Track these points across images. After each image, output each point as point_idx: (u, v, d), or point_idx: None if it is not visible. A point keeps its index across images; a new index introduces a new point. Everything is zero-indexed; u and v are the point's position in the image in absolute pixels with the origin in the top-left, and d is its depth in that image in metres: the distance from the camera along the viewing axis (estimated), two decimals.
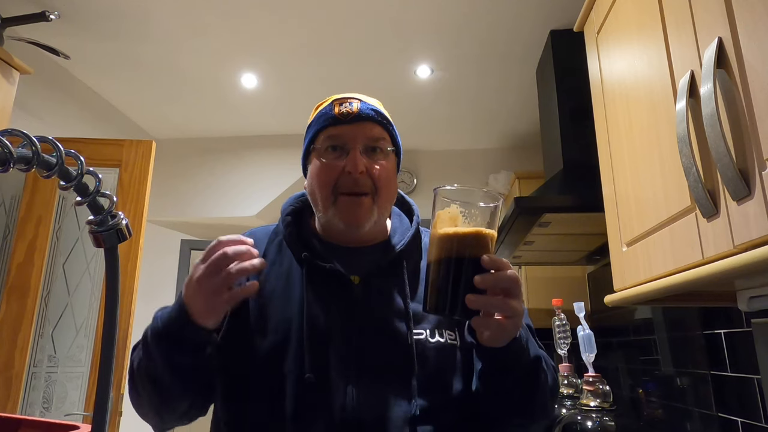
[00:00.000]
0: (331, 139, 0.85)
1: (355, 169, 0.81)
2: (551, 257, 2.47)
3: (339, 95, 0.89)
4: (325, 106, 0.88)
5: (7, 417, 0.59)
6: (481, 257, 0.64)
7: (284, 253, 0.87)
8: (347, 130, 0.84)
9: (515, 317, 0.66)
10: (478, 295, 0.63)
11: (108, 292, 0.48)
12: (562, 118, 2.17)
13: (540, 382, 0.76)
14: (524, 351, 0.72)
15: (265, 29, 2.40)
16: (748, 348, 1.23)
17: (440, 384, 0.78)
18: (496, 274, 0.64)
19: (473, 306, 0.63)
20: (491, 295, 0.64)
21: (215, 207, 3.48)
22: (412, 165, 3.66)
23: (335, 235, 0.89)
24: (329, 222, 0.86)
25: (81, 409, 2.09)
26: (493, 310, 0.65)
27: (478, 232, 0.65)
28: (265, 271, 0.85)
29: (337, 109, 0.85)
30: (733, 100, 0.67)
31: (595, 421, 1.60)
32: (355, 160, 0.82)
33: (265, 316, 0.80)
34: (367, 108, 0.86)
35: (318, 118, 0.88)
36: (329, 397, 0.74)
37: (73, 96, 2.85)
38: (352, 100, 0.86)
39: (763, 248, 0.60)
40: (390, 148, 0.88)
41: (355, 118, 0.84)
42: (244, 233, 0.94)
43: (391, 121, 0.91)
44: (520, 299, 0.66)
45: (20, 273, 2.16)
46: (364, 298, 0.81)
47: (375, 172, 0.84)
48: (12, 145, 0.40)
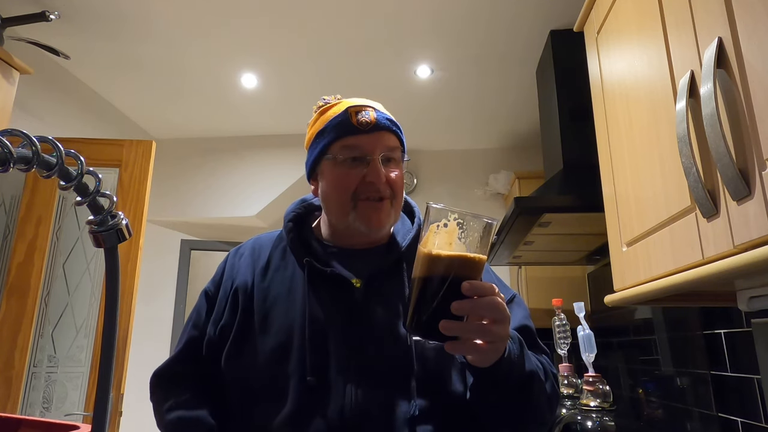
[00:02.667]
0: (351, 149, 0.85)
1: (379, 180, 0.83)
2: (551, 257, 2.47)
3: (352, 102, 0.89)
4: (338, 113, 0.88)
5: (7, 417, 0.59)
6: (461, 284, 0.61)
7: (288, 258, 0.89)
8: (366, 140, 0.85)
9: (497, 342, 0.63)
10: (453, 322, 0.60)
11: (108, 292, 0.48)
12: (562, 118, 2.17)
13: (532, 397, 0.74)
14: (513, 368, 0.69)
15: (265, 29, 2.40)
16: (748, 348, 1.23)
17: (440, 385, 0.78)
18: (474, 301, 0.61)
19: (448, 333, 0.60)
20: (472, 320, 0.62)
21: (215, 207, 3.48)
22: (412, 165, 3.66)
23: (343, 239, 0.90)
24: (349, 227, 0.87)
25: (81, 409, 2.09)
26: (472, 337, 0.62)
27: (465, 256, 0.62)
28: (269, 276, 0.87)
29: (354, 118, 0.85)
30: (733, 100, 0.67)
31: (595, 421, 1.60)
32: (378, 171, 0.84)
33: (268, 320, 0.82)
34: (383, 118, 0.87)
35: (333, 126, 0.87)
36: (330, 398, 0.74)
37: (73, 96, 2.85)
38: (367, 109, 0.87)
39: (763, 248, 0.60)
40: (405, 158, 0.91)
41: (374, 128, 0.85)
42: (250, 239, 0.96)
43: (402, 129, 0.92)
44: (504, 324, 0.63)
45: (20, 273, 2.16)
46: (364, 300, 0.82)
47: (392, 180, 0.86)
48: (12, 145, 0.40)
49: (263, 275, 0.88)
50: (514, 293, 0.91)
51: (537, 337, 0.87)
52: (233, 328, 0.83)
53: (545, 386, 0.77)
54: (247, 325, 0.82)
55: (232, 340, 0.82)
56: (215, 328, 0.85)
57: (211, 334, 0.85)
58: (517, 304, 0.90)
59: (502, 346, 0.66)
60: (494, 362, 0.66)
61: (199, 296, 0.93)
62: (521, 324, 0.86)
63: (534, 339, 0.86)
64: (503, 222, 2.01)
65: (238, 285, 0.87)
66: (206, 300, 0.90)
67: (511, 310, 0.87)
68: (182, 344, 0.88)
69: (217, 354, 0.83)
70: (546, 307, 2.43)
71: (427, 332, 0.62)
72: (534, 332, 0.87)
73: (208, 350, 0.84)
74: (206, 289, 0.92)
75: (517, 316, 0.87)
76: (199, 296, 0.93)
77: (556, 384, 0.83)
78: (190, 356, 0.87)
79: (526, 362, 0.73)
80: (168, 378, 0.87)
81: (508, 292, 0.90)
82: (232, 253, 0.95)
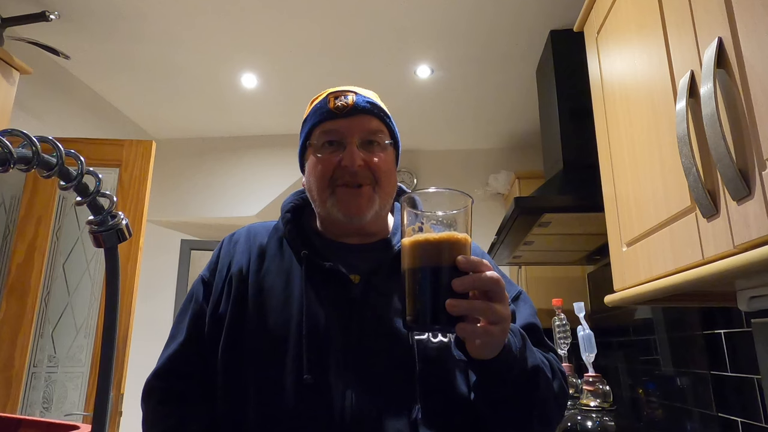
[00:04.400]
0: (328, 134, 0.83)
1: (352, 163, 0.80)
2: (551, 257, 2.47)
3: (334, 89, 0.87)
4: (320, 99, 0.87)
5: (7, 417, 0.59)
6: (456, 258, 0.60)
7: (285, 249, 0.86)
8: (343, 124, 0.83)
9: (502, 323, 0.61)
10: (460, 300, 0.58)
11: (108, 292, 0.48)
12: (562, 118, 2.17)
13: (538, 394, 0.71)
14: (517, 362, 0.67)
15: (265, 29, 2.40)
16: (748, 348, 1.23)
17: (443, 386, 0.76)
18: (475, 276, 0.59)
19: (456, 311, 0.58)
20: (475, 297, 0.60)
21: (215, 207, 3.48)
22: (412, 165, 3.66)
23: (336, 232, 0.87)
24: (329, 214, 0.85)
25: (81, 409, 2.09)
26: (478, 315, 0.60)
27: (450, 237, 0.61)
28: (266, 265, 0.84)
29: (332, 102, 0.84)
30: (733, 100, 0.67)
31: (595, 421, 1.60)
32: (352, 155, 0.81)
33: (264, 313, 0.79)
34: (363, 100, 0.84)
35: (313, 112, 0.86)
36: (328, 398, 0.72)
37: (73, 96, 2.85)
38: (347, 93, 0.85)
39: (763, 248, 0.60)
40: (388, 141, 0.86)
41: (351, 112, 0.83)
42: (243, 228, 0.94)
43: (388, 113, 0.89)
44: (504, 303, 0.61)
45: (20, 273, 2.16)
46: (363, 297, 0.79)
47: (373, 164, 0.82)
48: (12, 145, 0.40)
49: (259, 263, 0.85)
50: (520, 290, 0.89)
51: (544, 335, 0.85)
52: (227, 318, 0.80)
53: (552, 384, 0.74)
54: (241, 316, 0.80)
55: (227, 331, 0.79)
56: (213, 318, 0.82)
57: (209, 324, 0.82)
58: (524, 301, 0.88)
59: (507, 328, 0.63)
60: (496, 355, 0.64)
61: (194, 282, 0.89)
62: (528, 321, 0.83)
63: (541, 336, 0.83)
64: (503, 222, 2.01)
65: (233, 272, 0.84)
66: (203, 285, 0.87)
67: (518, 307, 0.86)
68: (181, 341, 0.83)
69: (214, 346, 0.80)
70: (546, 307, 2.42)
71: (434, 319, 0.59)
72: (541, 330, 0.84)
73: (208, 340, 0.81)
74: (202, 275, 0.88)
75: (523, 314, 0.85)
76: (195, 282, 0.89)
77: (565, 383, 0.79)
78: (189, 354, 0.82)
79: (529, 356, 0.70)
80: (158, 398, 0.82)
81: (513, 289, 0.88)
82: (227, 239, 0.92)
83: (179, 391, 0.81)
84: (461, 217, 0.63)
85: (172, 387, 0.82)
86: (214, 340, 0.81)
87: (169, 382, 0.82)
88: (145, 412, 0.82)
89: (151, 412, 0.81)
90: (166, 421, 0.79)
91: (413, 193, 0.66)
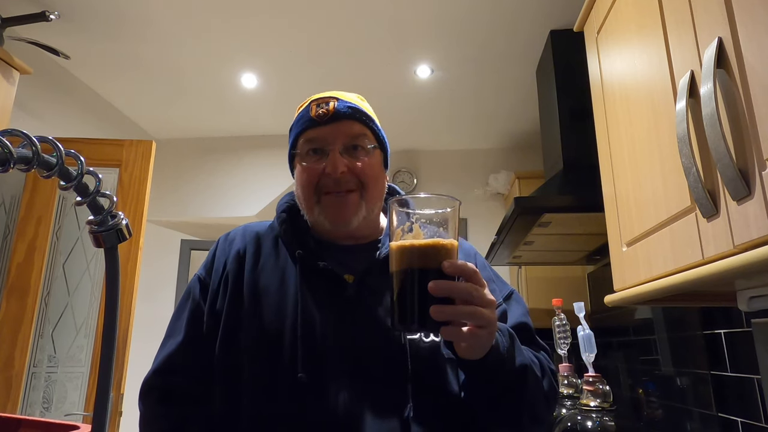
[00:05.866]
0: (311, 142, 0.85)
1: (335, 171, 0.81)
2: (551, 257, 2.47)
3: (317, 95, 0.88)
4: (303, 107, 0.88)
5: (7, 417, 0.59)
6: (442, 264, 0.60)
7: (280, 248, 0.87)
8: (325, 131, 0.84)
9: (488, 326, 0.62)
10: (443, 305, 0.59)
11: (108, 292, 0.48)
12: (562, 118, 2.17)
13: (527, 393, 0.72)
14: (505, 362, 0.68)
15: (265, 29, 2.40)
16: (748, 348, 1.23)
17: (435, 385, 0.77)
18: (451, 283, 0.60)
19: (439, 317, 0.58)
20: (460, 304, 0.60)
21: (215, 207, 3.48)
22: (412, 165, 3.66)
23: (329, 233, 0.88)
24: (316, 222, 0.86)
25: (81, 409, 2.09)
26: (462, 319, 0.60)
27: (437, 243, 0.61)
28: (261, 265, 0.85)
29: (314, 110, 0.85)
30: (733, 100, 0.67)
31: (595, 421, 1.60)
32: (335, 162, 0.81)
33: (259, 312, 0.80)
34: (344, 106, 0.85)
35: (297, 121, 0.88)
36: (322, 397, 0.73)
37: (73, 96, 2.85)
38: (329, 100, 0.85)
39: (763, 248, 0.60)
40: (372, 145, 0.86)
41: (332, 119, 0.84)
42: (239, 227, 0.94)
43: (372, 116, 0.89)
44: (491, 306, 0.62)
45: (20, 273, 2.16)
46: (357, 297, 0.80)
47: (358, 169, 0.83)
48: (12, 145, 0.40)
49: (254, 263, 0.85)
50: (511, 289, 0.90)
51: (535, 334, 0.85)
52: (223, 316, 0.80)
53: (542, 382, 0.75)
54: (236, 314, 0.80)
55: (223, 329, 0.80)
56: (210, 316, 0.82)
57: (208, 321, 0.82)
58: (515, 300, 0.88)
59: (493, 331, 0.64)
60: (484, 354, 0.65)
61: (190, 281, 0.89)
62: (519, 321, 0.84)
63: (532, 336, 0.84)
64: (503, 222, 2.01)
65: (229, 270, 0.85)
66: (200, 284, 0.87)
67: (509, 307, 0.86)
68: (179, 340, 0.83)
69: (211, 345, 0.80)
70: (546, 307, 2.42)
71: (420, 323, 0.61)
72: (532, 329, 0.85)
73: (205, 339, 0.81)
74: (198, 274, 0.89)
75: (515, 313, 0.85)
76: (191, 281, 0.89)
77: (555, 381, 0.81)
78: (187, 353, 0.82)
79: (518, 355, 0.71)
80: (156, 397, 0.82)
81: (505, 288, 0.89)
82: (222, 238, 0.92)
83: (178, 390, 0.81)
84: (450, 215, 0.64)
85: (170, 386, 0.82)
86: (211, 338, 0.81)
87: (168, 380, 0.82)
88: (143, 410, 0.82)
89: (149, 411, 0.81)
90: (164, 420, 0.79)
91: (403, 196, 0.67)
